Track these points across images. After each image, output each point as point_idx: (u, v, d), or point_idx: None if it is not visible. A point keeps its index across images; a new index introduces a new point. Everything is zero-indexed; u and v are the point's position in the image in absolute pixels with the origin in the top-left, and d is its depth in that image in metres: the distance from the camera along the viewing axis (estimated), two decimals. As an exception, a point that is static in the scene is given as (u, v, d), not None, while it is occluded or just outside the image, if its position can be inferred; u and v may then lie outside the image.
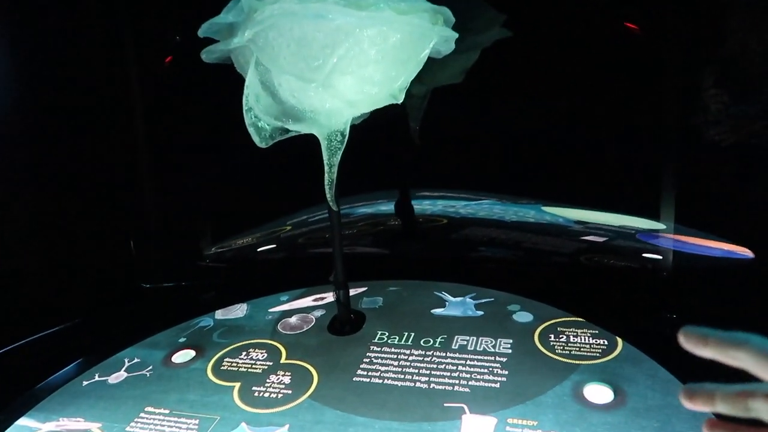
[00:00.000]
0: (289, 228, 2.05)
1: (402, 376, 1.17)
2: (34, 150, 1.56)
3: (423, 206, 2.01)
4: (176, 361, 1.31)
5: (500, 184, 1.92)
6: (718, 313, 1.32)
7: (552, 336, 1.26)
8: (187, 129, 1.76)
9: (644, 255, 1.62)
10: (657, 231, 1.57)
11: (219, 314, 1.50)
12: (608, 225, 1.79)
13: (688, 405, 0.46)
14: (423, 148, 1.68)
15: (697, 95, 1.44)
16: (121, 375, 1.28)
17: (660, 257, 1.56)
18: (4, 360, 1.40)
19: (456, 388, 1.12)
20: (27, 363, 1.40)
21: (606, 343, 1.22)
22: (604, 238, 1.75)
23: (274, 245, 2.01)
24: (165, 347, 1.37)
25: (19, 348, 1.43)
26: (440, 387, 1.13)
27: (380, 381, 1.16)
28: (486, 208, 2.00)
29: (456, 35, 1.03)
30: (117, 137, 1.70)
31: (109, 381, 1.26)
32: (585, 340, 1.24)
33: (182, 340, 1.40)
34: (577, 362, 1.16)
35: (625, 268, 1.67)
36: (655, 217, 1.55)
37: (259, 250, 2.01)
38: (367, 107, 1.08)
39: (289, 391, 1.16)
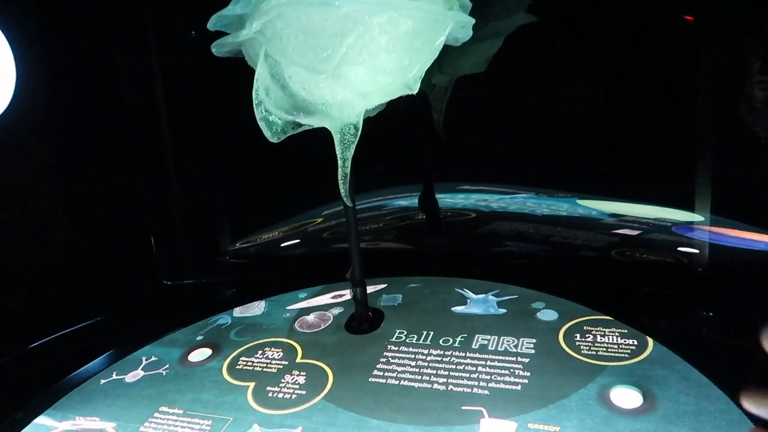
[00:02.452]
0: (320, 220, 2.03)
1: (419, 377, 1.13)
2: (58, 149, 1.57)
3: (456, 200, 1.96)
4: (192, 360, 1.29)
5: (536, 176, 1.86)
6: (758, 311, 1.25)
7: (578, 335, 1.20)
8: (211, 125, 1.75)
9: (679, 249, 1.54)
10: (693, 223, 1.49)
11: (237, 312, 1.48)
12: (643, 217, 1.72)
13: None
14: (457, 142, 1.63)
15: (741, 81, 1.35)
16: (138, 373, 1.27)
17: (696, 251, 1.48)
18: (25, 358, 1.42)
19: (475, 390, 1.07)
20: (48, 360, 1.41)
21: (635, 343, 1.16)
22: (638, 231, 1.68)
23: (298, 240, 1.99)
24: (182, 345, 1.36)
25: (41, 345, 1.45)
26: (458, 389, 1.08)
27: (396, 382, 1.12)
28: (519, 201, 1.94)
29: (473, 21, 0.98)
30: (139, 134, 1.70)
31: (126, 379, 1.25)
32: (613, 339, 1.17)
33: (199, 338, 1.38)
34: (604, 364, 1.10)
35: (658, 262, 1.59)
36: (690, 207, 1.47)
37: (282, 245, 2.00)
38: (380, 98, 1.03)
39: (304, 392, 1.13)
